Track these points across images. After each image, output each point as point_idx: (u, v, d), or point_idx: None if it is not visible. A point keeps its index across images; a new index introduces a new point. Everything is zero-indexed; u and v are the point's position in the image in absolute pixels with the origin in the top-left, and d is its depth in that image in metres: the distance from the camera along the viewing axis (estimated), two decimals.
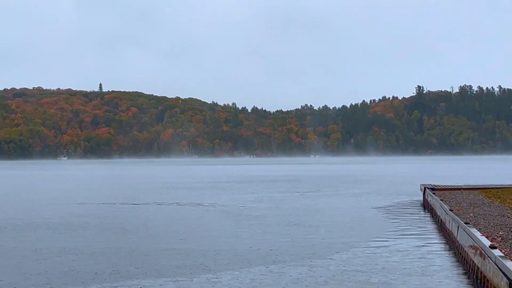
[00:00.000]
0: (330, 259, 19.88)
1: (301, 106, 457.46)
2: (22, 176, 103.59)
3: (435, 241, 24.09)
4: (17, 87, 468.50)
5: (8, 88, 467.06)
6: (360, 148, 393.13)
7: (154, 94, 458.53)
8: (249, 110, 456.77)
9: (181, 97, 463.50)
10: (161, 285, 16.21)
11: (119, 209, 38.31)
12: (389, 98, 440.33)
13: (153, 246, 23.10)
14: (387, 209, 37.51)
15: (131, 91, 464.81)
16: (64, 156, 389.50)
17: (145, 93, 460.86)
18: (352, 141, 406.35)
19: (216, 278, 16.89)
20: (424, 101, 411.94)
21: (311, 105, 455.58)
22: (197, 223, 30.47)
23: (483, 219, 23.01)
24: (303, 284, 16.07)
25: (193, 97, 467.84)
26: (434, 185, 44.29)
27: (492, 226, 20.57)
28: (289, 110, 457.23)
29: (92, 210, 38.43)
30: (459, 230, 20.85)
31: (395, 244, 23.13)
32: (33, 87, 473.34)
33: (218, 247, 22.42)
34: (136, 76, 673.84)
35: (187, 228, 28.46)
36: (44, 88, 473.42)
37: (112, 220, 32.32)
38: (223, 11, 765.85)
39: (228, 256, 20.46)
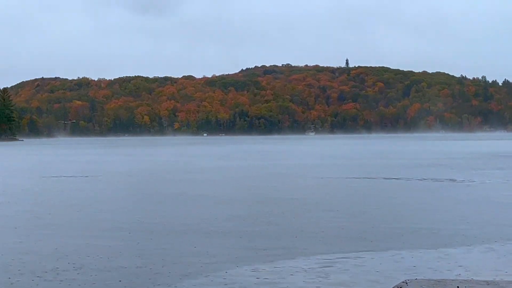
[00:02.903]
0: None
1: None
2: (277, 151, 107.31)
3: None
4: (267, 65, 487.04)
5: (259, 66, 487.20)
6: None
7: (401, 69, 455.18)
8: (500, 84, 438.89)
9: (428, 71, 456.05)
10: (394, 255, 16.38)
11: (367, 184, 39.07)
12: None
13: (384, 219, 23.48)
14: None
15: (377, 66, 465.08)
16: (312, 131, 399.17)
17: (391, 68, 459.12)
18: None
19: (446, 253, 16.93)
20: None
21: None
22: (446, 200, 30.28)
23: None
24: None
25: (440, 71, 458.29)
26: None
27: None
28: None
29: (339, 184, 39.46)
30: None
31: None
32: (282, 64, 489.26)
33: (450, 225, 22.31)
34: (382, 50, 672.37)
35: (437, 205, 28.52)
36: (293, 65, 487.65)
37: (359, 194, 33.15)
38: None
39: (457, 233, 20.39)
